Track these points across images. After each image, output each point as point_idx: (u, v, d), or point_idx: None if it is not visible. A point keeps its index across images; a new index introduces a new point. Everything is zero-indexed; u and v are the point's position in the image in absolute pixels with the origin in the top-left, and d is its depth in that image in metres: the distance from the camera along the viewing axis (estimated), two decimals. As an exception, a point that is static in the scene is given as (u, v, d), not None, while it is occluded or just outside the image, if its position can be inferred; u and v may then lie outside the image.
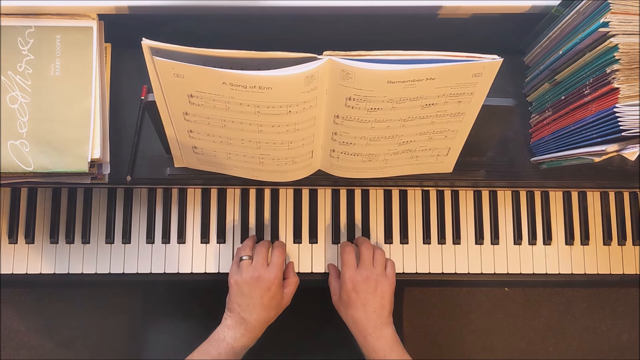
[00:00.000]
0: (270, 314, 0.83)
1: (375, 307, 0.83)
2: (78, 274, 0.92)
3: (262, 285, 0.82)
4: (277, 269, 0.84)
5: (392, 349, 0.81)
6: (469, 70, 0.66)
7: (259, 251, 0.86)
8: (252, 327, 0.82)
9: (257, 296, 0.82)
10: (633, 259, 0.96)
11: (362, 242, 0.89)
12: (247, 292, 0.82)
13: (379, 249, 0.89)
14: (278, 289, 0.83)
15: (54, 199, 0.93)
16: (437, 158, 0.85)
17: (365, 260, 0.86)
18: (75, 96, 0.81)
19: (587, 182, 0.95)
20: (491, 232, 0.96)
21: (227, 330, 0.82)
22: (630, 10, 0.71)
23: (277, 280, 0.83)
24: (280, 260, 0.85)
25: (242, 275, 0.83)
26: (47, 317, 1.50)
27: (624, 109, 0.70)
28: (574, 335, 1.58)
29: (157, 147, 0.88)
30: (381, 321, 0.82)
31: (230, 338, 0.81)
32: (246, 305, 0.82)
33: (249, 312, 0.81)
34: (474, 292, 1.58)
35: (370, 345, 0.81)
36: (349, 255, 0.86)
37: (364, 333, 0.82)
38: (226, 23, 0.88)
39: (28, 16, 0.82)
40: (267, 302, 0.82)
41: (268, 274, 0.83)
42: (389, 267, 0.87)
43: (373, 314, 0.82)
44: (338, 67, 0.65)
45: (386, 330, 0.82)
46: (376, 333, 0.81)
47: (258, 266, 0.83)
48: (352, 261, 0.86)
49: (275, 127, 0.73)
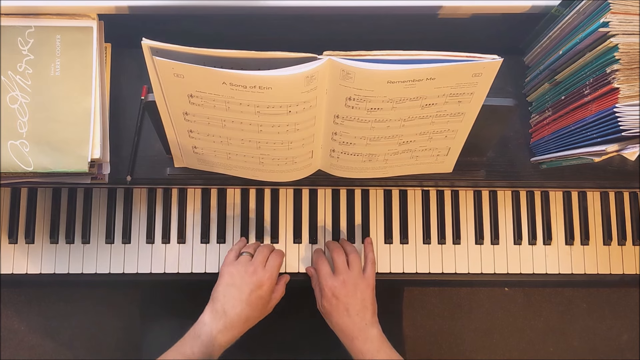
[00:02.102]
0: (254, 313, 0.81)
1: (357, 310, 0.83)
2: (78, 274, 0.92)
3: (254, 281, 0.81)
4: (273, 271, 0.83)
5: (379, 351, 0.81)
6: (469, 70, 0.66)
7: (261, 251, 0.86)
8: (232, 323, 0.79)
9: (247, 291, 0.81)
10: (633, 259, 0.96)
11: (332, 248, 0.89)
12: (239, 283, 0.81)
13: (353, 252, 0.88)
14: (268, 292, 0.83)
15: (54, 199, 0.93)
16: (437, 158, 0.85)
17: (340, 265, 0.86)
18: (75, 96, 0.81)
19: (587, 182, 0.95)
20: (491, 232, 0.96)
21: (203, 326, 0.79)
22: (630, 10, 0.71)
23: (270, 282, 0.83)
24: (277, 264, 0.85)
25: (238, 267, 0.83)
26: (47, 317, 1.50)
27: (624, 109, 0.70)
28: (574, 335, 1.58)
29: (157, 147, 0.88)
30: (365, 323, 0.82)
31: (205, 335, 0.78)
32: (232, 297, 0.80)
33: (232, 304, 0.80)
34: (474, 292, 1.58)
35: (358, 348, 0.81)
36: (322, 265, 0.87)
37: (351, 337, 0.82)
38: (226, 23, 0.88)
39: (28, 16, 0.82)
40: (255, 300, 0.81)
41: (264, 272, 0.83)
42: (368, 268, 0.87)
43: (357, 317, 0.82)
44: (338, 67, 0.65)
45: (372, 331, 0.82)
46: (362, 336, 0.81)
47: (256, 263, 0.83)
48: (327, 269, 0.86)
49: (275, 127, 0.73)
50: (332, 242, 0.92)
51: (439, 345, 1.55)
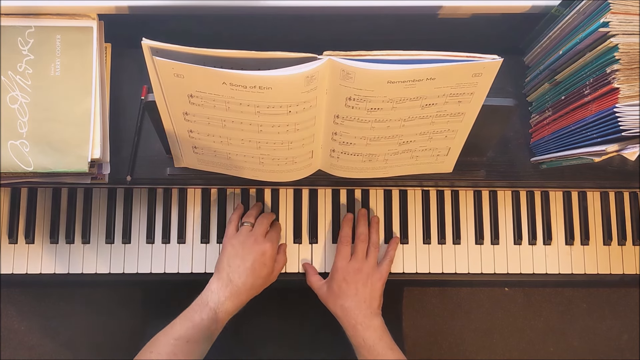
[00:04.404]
0: (258, 281, 0.84)
1: (365, 297, 0.84)
2: (78, 274, 0.92)
3: (257, 250, 0.84)
4: (273, 241, 0.86)
5: (380, 339, 0.82)
6: (469, 70, 0.66)
7: (261, 222, 0.88)
8: (238, 291, 0.82)
9: (250, 259, 0.83)
10: (633, 259, 0.96)
11: (358, 235, 0.90)
12: (242, 253, 0.84)
13: (374, 245, 0.90)
14: (270, 259, 0.85)
15: (54, 199, 0.93)
16: (437, 158, 0.85)
17: (359, 252, 0.88)
18: (75, 96, 0.81)
19: (587, 182, 0.95)
20: (491, 232, 0.96)
21: (210, 294, 0.82)
22: (630, 10, 0.71)
23: (272, 250, 0.85)
24: (276, 237, 0.88)
25: (240, 238, 0.85)
26: (47, 317, 1.50)
27: (624, 109, 0.70)
28: (574, 335, 1.58)
29: (157, 147, 0.88)
30: (371, 311, 0.83)
31: (213, 302, 0.81)
32: (237, 266, 0.83)
33: (238, 273, 0.83)
34: (474, 292, 1.57)
35: (360, 334, 0.82)
36: (345, 247, 0.89)
37: (354, 322, 0.82)
38: (226, 23, 0.88)
39: (28, 16, 0.82)
40: (258, 268, 0.83)
41: (264, 241, 0.85)
42: (385, 262, 0.89)
43: (364, 304, 0.84)
44: (338, 67, 0.65)
45: (375, 320, 0.83)
46: (366, 322, 0.82)
47: (257, 233, 0.86)
48: (347, 253, 0.88)
49: (275, 127, 0.73)
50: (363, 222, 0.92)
51: (439, 345, 1.55)
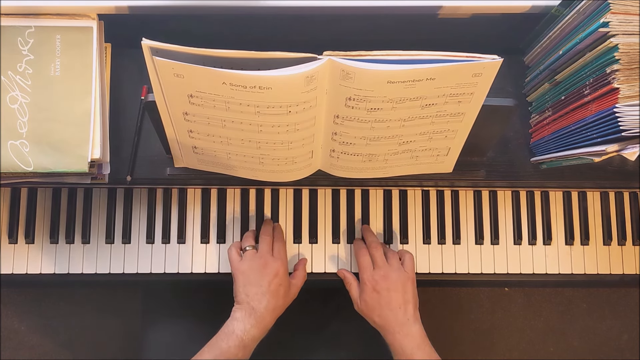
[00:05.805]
0: (279, 302, 0.83)
1: (399, 303, 0.82)
2: (78, 274, 0.92)
3: (269, 272, 0.82)
4: (282, 256, 0.85)
5: (419, 348, 0.80)
6: (469, 70, 0.66)
7: (264, 239, 0.86)
8: (262, 317, 0.81)
9: (265, 283, 0.82)
10: (633, 259, 0.96)
11: (369, 244, 0.89)
12: (255, 280, 0.82)
13: (389, 250, 0.89)
14: (284, 277, 0.84)
15: (54, 199, 0.93)
16: (437, 158, 0.85)
17: (378, 259, 0.86)
18: (75, 96, 0.81)
19: (587, 182, 0.95)
20: (491, 232, 0.96)
21: (236, 323, 0.80)
22: (630, 10, 0.71)
23: (283, 268, 0.84)
24: (283, 253, 0.86)
25: (248, 263, 0.83)
26: (47, 317, 1.50)
27: (624, 109, 0.70)
28: (574, 335, 1.58)
29: (157, 147, 0.88)
30: (407, 317, 0.82)
31: (239, 330, 0.80)
32: (254, 293, 0.81)
33: (258, 300, 0.81)
34: (474, 292, 1.58)
35: (398, 343, 0.80)
36: (364, 258, 0.87)
37: (392, 331, 0.81)
38: (226, 23, 0.88)
39: (28, 16, 0.82)
40: (275, 289, 0.82)
41: (274, 261, 0.84)
42: (406, 261, 0.87)
43: (399, 311, 0.82)
44: (338, 67, 0.65)
45: (414, 327, 0.82)
46: (403, 330, 0.81)
47: (264, 253, 0.84)
48: (368, 262, 0.86)
49: (275, 127, 0.73)
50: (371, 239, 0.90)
51: (439, 345, 1.55)
